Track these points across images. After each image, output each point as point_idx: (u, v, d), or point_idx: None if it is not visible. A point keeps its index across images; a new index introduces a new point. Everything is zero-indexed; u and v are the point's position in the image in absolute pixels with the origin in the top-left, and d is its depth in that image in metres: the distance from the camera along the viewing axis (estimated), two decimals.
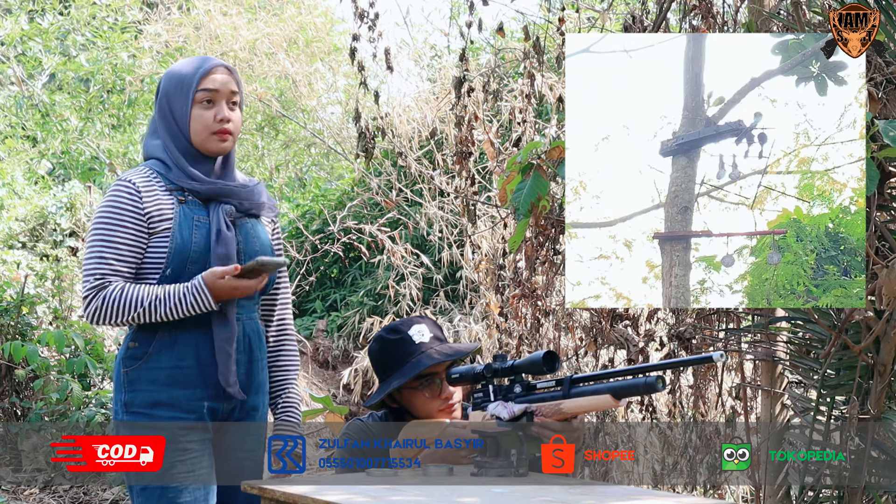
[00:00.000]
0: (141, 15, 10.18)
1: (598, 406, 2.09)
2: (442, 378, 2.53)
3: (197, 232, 2.41)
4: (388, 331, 2.62)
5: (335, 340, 8.43)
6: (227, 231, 2.43)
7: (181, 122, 2.47)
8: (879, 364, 2.84)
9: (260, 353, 2.51)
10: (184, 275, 2.39)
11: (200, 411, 2.40)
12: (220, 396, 2.42)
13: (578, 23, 4.37)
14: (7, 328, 5.94)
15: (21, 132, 9.67)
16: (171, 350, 2.39)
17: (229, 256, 2.41)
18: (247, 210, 2.51)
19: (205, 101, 2.46)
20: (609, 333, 3.85)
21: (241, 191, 2.50)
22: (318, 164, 10.65)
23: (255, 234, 2.51)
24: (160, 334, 2.39)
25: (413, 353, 2.54)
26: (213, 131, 2.46)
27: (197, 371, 2.40)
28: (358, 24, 4.32)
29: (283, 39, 9.32)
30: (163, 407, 2.38)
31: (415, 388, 2.53)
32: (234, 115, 2.49)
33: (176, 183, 2.45)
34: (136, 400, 2.40)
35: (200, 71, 2.48)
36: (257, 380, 2.50)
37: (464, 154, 4.54)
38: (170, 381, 2.39)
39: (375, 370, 2.64)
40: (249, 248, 2.48)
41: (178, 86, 2.49)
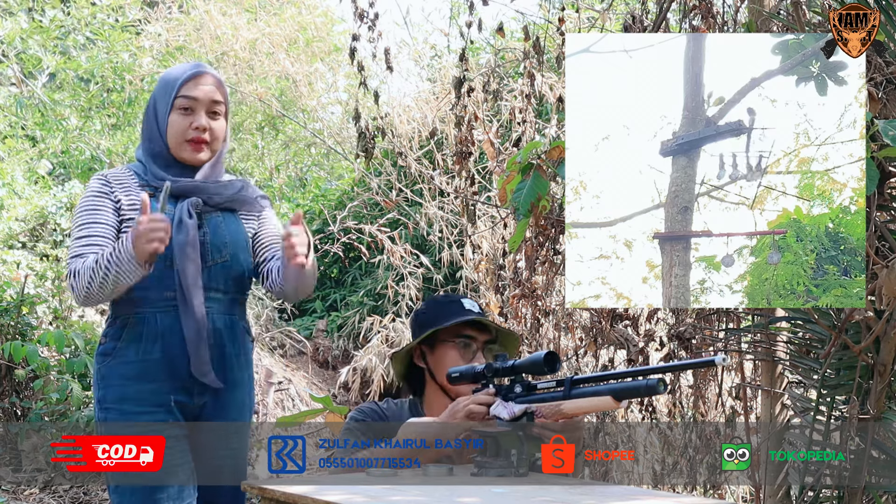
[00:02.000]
0: (141, 14, 10.18)
1: (599, 407, 2.09)
2: (479, 348, 2.55)
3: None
4: (440, 296, 2.65)
5: (335, 340, 8.43)
6: (189, 219, 2.42)
7: (161, 126, 2.48)
8: (879, 364, 2.84)
9: (233, 348, 2.50)
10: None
11: (168, 405, 2.40)
12: (186, 390, 2.43)
13: (578, 23, 4.37)
14: (7, 328, 5.94)
15: (21, 132, 9.67)
16: (139, 343, 2.40)
17: (190, 244, 2.41)
18: (217, 204, 2.50)
19: (183, 108, 2.46)
20: (609, 333, 3.85)
21: (210, 186, 2.49)
22: (318, 164, 10.65)
23: (224, 227, 2.50)
24: (128, 328, 2.41)
25: (462, 313, 2.55)
26: (186, 139, 2.46)
27: (163, 364, 2.41)
28: (358, 24, 4.32)
29: (283, 39, 9.33)
30: (130, 402, 2.39)
31: (452, 343, 2.54)
32: (214, 125, 2.48)
33: (148, 181, 2.48)
34: (107, 396, 2.42)
35: (184, 77, 2.47)
36: (230, 376, 2.49)
37: (464, 154, 4.54)
38: (137, 374, 2.40)
39: (415, 328, 2.64)
40: (217, 240, 2.48)
41: (162, 89, 2.51)
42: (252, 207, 2.57)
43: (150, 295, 2.42)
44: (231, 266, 2.50)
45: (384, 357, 6.63)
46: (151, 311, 2.41)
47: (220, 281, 2.48)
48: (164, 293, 2.42)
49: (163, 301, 2.42)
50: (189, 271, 2.41)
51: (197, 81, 2.48)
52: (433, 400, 2.57)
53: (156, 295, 2.42)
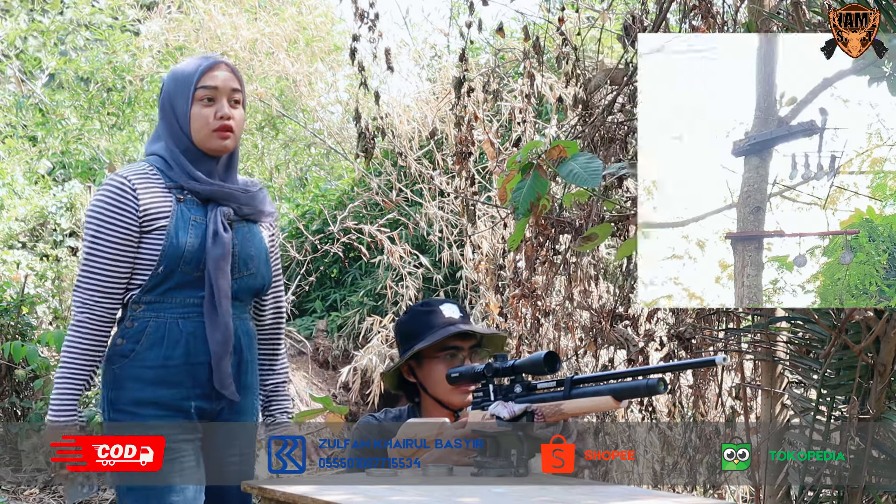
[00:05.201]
0: (141, 14, 10.19)
1: (599, 407, 2.09)
2: (466, 355, 2.57)
3: (192, 232, 2.38)
4: (419, 305, 2.68)
5: (335, 340, 8.42)
6: (224, 233, 2.40)
7: (182, 121, 2.43)
8: (879, 364, 2.84)
9: (250, 354, 2.49)
10: (176, 274, 2.37)
11: (188, 410, 2.38)
12: (208, 396, 2.40)
13: (578, 23, 4.37)
14: (7, 328, 5.94)
15: (21, 132, 9.67)
16: (160, 347, 2.36)
17: (224, 258, 2.38)
18: (245, 215, 2.48)
19: (205, 98, 2.43)
20: (609, 333, 3.86)
21: (242, 195, 2.47)
22: (318, 164, 10.65)
23: (251, 239, 2.48)
24: (149, 330, 2.37)
25: (443, 324, 2.56)
26: (213, 129, 2.42)
27: (185, 369, 2.37)
28: (358, 25, 4.32)
29: (284, 39, 9.32)
30: (147, 406, 2.35)
31: (438, 358, 2.55)
32: (235, 113, 2.45)
33: (176, 181, 2.42)
34: (120, 398, 2.38)
35: (201, 68, 2.44)
36: (247, 381, 2.48)
37: (464, 154, 4.54)
38: (156, 379, 2.36)
39: (400, 342, 2.65)
40: (244, 253, 2.45)
41: (179, 84, 2.46)
42: (269, 219, 2.56)
43: (172, 299, 2.38)
44: (255, 278, 2.49)
45: (384, 357, 6.63)
46: (174, 316, 2.38)
47: (244, 293, 2.46)
48: (188, 299, 2.39)
49: (186, 307, 2.39)
50: (222, 286, 2.37)
51: (214, 71, 2.45)
52: (431, 411, 2.58)
53: (180, 300, 2.39)
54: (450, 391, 2.53)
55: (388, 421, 2.56)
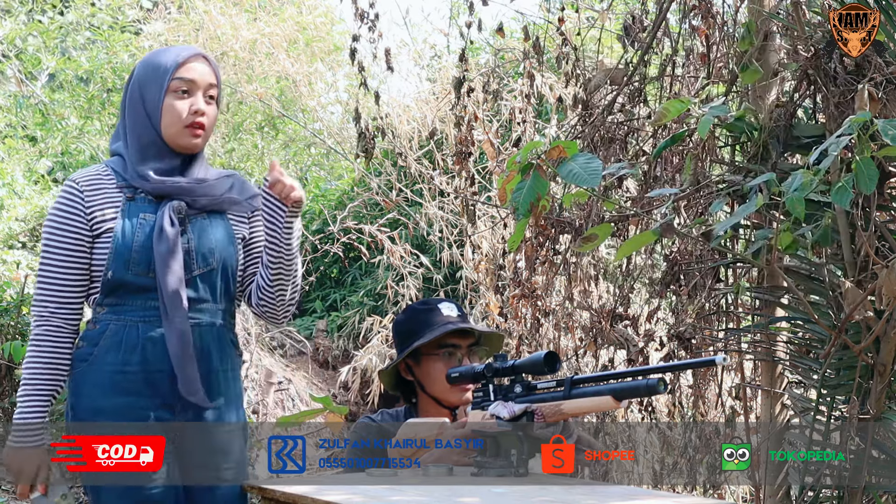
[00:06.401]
0: (140, 14, 10.19)
1: (599, 407, 2.09)
2: (464, 353, 2.56)
3: (140, 231, 2.25)
4: (418, 303, 2.69)
5: (335, 340, 8.43)
6: (171, 227, 2.24)
7: (152, 112, 2.29)
8: (879, 364, 2.83)
9: (221, 363, 2.32)
10: (127, 276, 2.25)
11: (146, 420, 2.24)
12: (170, 406, 2.27)
13: (578, 23, 4.37)
14: (7, 328, 5.94)
15: (21, 132, 9.67)
16: (117, 352, 2.25)
17: (171, 254, 2.23)
18: (203, 207, 2.32)
19: (180, 90, 2.29)
20: (609, 333, 3.86)
21: (194, 187, 2.30)
22: (318, 164, 10.65)
23: (210, 232, 2.32)
24: (107, 334, 2.26)
25: (442, 322, 2.56)
26: (185, 124, 2.28)
27: (143, 377, 2.25)
28: (358, 25, 4.32)
29: (283, 39, 9.32)
30: (105, 415, 2.23)
31: (436, 356, 2.55)
32: (209, 110, 2.32)
33: (128, 180, 2.29)
34: (79, 405, 2.28)
35: (179, 58, 2.30)
36: (217, 393, 2.31)
37: (464, 154, 4.54)
38: (113, 386, 2.24)
39: (398, 340, 2.65)
40: (203, 247, 2.30)
41: (153, 72, 2.31)
42: (242, 209, 2.38)
43: (132, 302, 2.26)
44: (218, 274, 2.33)
45: (384, 357, 6.63)
46: (133, 320, 2.25)
47: (206, 291, 2.31)
48: (146, 302, 2.26)
49: (145, 310, 2.26)
50: (171, 284, 2.23)
51: (192, 63, 2.31)
52: (428, 410, 2.58)
53: (138, 303, 2.26)
54: (447, 389, 2.53)
55: (386, 422, 2.56)
